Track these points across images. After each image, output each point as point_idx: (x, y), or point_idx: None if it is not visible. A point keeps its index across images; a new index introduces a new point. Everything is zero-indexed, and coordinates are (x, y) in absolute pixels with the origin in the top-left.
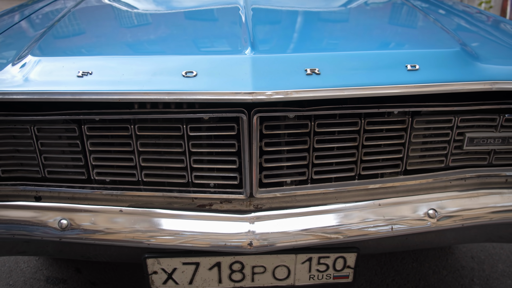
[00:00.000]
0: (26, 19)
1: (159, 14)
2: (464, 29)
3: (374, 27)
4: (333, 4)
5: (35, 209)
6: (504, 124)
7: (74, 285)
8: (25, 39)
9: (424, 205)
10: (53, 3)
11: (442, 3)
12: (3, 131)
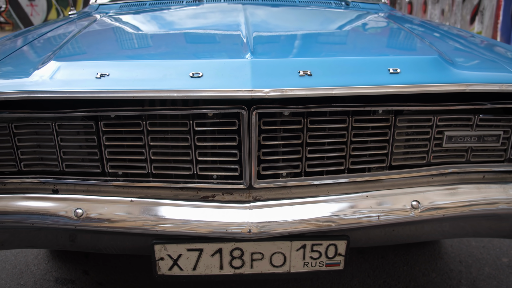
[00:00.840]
0: (46, 34)
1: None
2: (443, 43)
3: (362, 40)
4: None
5: (53, 200)
6: (479, 123)
7: (82, 286)
8: (47, 49)
9: (408, 197)
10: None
11: (426, 23)
12: (27, 128)
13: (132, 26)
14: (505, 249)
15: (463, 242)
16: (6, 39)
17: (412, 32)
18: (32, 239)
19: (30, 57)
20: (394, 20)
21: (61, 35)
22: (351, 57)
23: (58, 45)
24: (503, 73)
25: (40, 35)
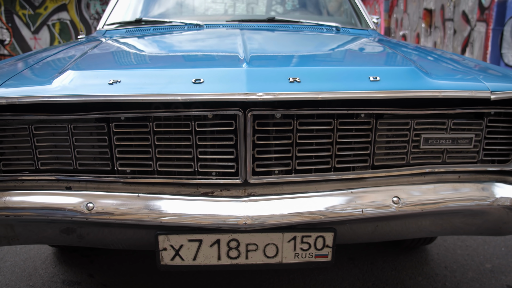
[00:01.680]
0: (61, 52)
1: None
2: (422, 58)
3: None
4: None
5: (67, 196)
6: (452, 127)
7: (87, 287)
8: (63, 62)
9: (390, 194)
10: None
11: (410, 44)
12: (45, 129)
13: (139, 44)
14: (488, 256)
15: (448, 250)
16: (26, 55)
17: (395, 50)
18: (44, 234)
19: (48, 68)
20: (379, 41)
21: (74, 53)
22: (335, 67)
23: (73, 59)
24: (475, 83)
25: (56, 52)
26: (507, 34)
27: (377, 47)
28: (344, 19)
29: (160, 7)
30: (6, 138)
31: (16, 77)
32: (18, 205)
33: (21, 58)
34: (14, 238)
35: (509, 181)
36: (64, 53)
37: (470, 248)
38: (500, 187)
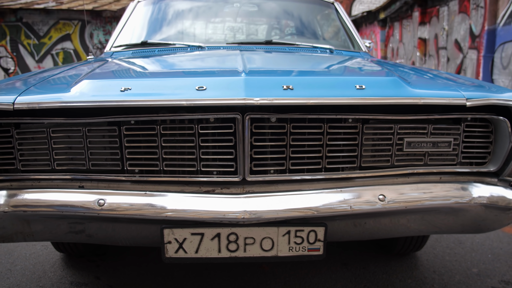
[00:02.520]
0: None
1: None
2: (407, 73)
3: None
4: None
5: (80, 194)
6: (433, 131)
7: (94, 287)
8: (78, 75)
9: (376, 192)
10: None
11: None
12: (61, 132)
13: (146, 61)
14: (475, 262)
15: (437, 257)
16: (40, 71)
17: (381, 66)
18: (58, 230)
19: (64, 80)
20: (369, 61)
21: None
22: (325, 76)
23: (86, 72)
24: (452, 91)
25: (69, 68)
26: (497, 60)
27: (366, 64)
28: (337, 43)
29: (164, 32)
30: (25, 141)
31: (35, 87)
32: (35, 202)
33: (36, 73)
34: (30, 234)
35: (486, 182)
36: (76, 70)
37: (458, 255)
38: (478, 186)
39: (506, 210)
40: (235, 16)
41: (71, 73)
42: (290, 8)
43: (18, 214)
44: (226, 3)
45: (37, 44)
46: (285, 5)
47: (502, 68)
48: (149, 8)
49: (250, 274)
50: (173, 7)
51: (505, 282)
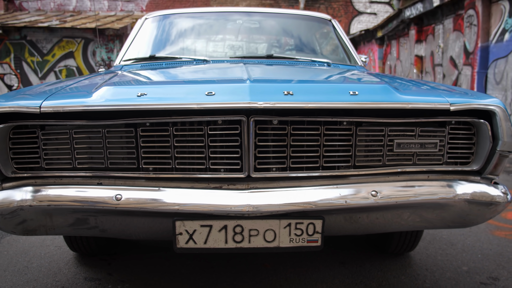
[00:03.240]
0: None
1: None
2: (396, 81)
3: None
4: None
5: (99, 190)
6: (420, 134)
7: (107, 282)
8: (96, 83)
9: (369, 188)
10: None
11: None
12: (82, 133)
13: (156, 72)
14: (465, 261)
15: (430, 257)
16: (58, 81)
17: (375, 76)
18: (77, 223)
19: (83, 87)
20: (364, 72)
21: (102, 78)
22: (322, 84)
23: (104, 80)
24: (438, 97)
25: (84, 79)
26: (491, 76)
27: (360, 75)
28: (334, 57)
29: (170, 47)
30: (49, 141)
31: (57, 94)
32: (57, 198)
33: (56, 83)
34: (51, 227)
35: (470, 179)
36: (92, 80)
37: (449, 255)
38: (462, 184)
39: (488, 205)
40: (237, 33)
41: (88, 82)
42: (290, 25)
43: (42, 208)
44: (229, 20)
45: (40, 61)
46: (284, 22)
47: (496, 84)
48: (156, 24)
49: (254, 271)
50: (178, 24)
51: (493, 278)
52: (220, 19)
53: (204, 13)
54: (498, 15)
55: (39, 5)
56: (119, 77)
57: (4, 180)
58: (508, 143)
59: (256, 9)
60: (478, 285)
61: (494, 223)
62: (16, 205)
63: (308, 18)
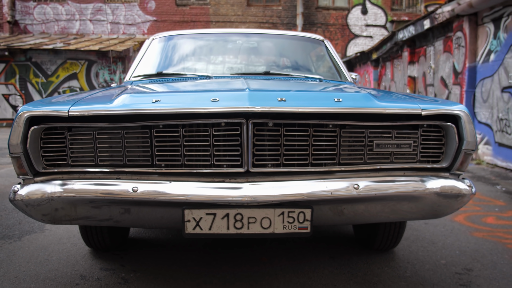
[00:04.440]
0: (108, 90)
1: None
2: (378, 92)
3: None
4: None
5: (117, 182)
6: (396, 135)
7: (120, 272)
8: (114, 93)
9: (352, 182)
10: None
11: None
12: (104, 134)
13: (165, 85)
14: (444, 256)
15: (412, 253)
16: (79, 92)
17: (359, 88)
18: (98, 213)
19: (104, 96)
20: (352, 86)
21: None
22: (311, 92)
23: (121, 91)
24: (412, 104)
25: (101, 91)
26: (478, 95)
27: (347, 87)
28: (326, 74)
29: (176, 64)
30: (75, 141)
31: (82, 101)
32: (81, 190)
33: (76, 94)
34: (75, 217)
35: (440, 175)
36: (109, 91)
37: (430, 251)
38: (433, 179)
39: (456, 197)
40: (237, 52)
41: (107, 93)
42: (285, 45)
43: (68, 199)
44: (229, 41)
45: (45, 82)
46: (281, 43)
47: (483, 102)
48: (162, 44)
49: (252, 263)
50: (183, 44)
51: (467, 270)
52: (221, 40)
53: (207, 34)
54: (484, 37)
55: (44, 28)
56: (133, 88)
57: (36, 174)
58: (471, 143)
59: (254, 30)
60: (453, 275)
61: (474, 226)
62: (46, 196)
63: (302, 39)
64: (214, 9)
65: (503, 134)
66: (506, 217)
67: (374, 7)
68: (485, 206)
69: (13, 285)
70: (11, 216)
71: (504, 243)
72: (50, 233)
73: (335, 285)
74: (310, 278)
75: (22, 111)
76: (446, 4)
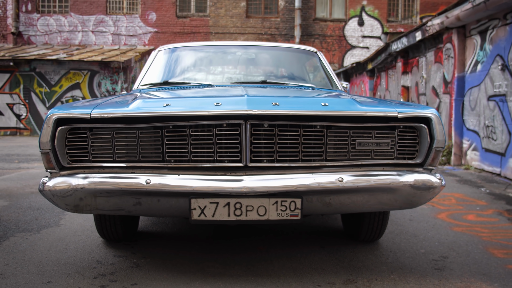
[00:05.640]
0: (119, 97)
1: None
2: (361, 98)
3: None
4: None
5: (133, 175)
6: (376, 135)
7: (132, 258)
8: (128, 99)
9: (337, 176)
10: (129, 94)
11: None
12: (121, 134)
13: (171, 92)
14: (424, 246)
15: (395, 244)
16: (97, 98)
17: (346, 94)
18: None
19: (120, 101)
20: (341, 93)
21: (131, 96)
22: (301, 98)
23: (134, 97)
24: (389, 108)
25: (116, 97)
26: (467, 103)
27: (335, 94)
28: (319, 83)
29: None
30: (96, 140)
31: (101, 105)
32: (101, 182)
33: (95, 99)
34: (95, 206)
35: (414, 170)
36: (122, 97)
37: (412, 243)
38: (408, 173)
39: (428, 189)
40: (237, 63)
41: (121, 99)
42: (282, 56)
43: (89, 190)
44: (230, 53)
45: (48, 92)
46: (277, 54)
47: (471, 110)
48: (167, 56)
49: (250, 252)
50: (187, 55)
51: (443, 257)
52: (222, 52)
53: (209, 46)
54: (471, 48)
55: (47, 39)
56: (144, 95)
57: (61, 168)
58: (441, 141)
59: (253, 43)
60: (430, 261)
61: (455, 222)
62: (71, 187)
63: (297, 51)
64: (213, 20)
65: (489, 140)
66: (485, 214)
67: (370, 18)
68: (468, 205)
69: (38, 268)
70: (28, 213)
71: (480, 236)
72: (65, 227)
73: (324, 269)
74: (302, 263)
75: (51, 114)
76: (436, 17)
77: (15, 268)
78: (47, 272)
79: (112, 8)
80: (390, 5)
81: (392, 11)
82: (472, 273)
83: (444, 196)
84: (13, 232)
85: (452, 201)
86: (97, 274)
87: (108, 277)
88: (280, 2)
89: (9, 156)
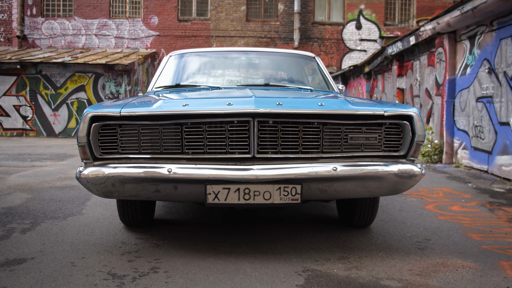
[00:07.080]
0: (140, 98)
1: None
2: (354, 98)
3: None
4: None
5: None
6: (365, 131)
7: (151, 239)
8: (150, 100)
9: (332, 166)
10: (147, 96)
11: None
12: (146, 130)
13: (184, 93)
14: (410, 231)
15: (384, 229)
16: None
17: (340, 96)
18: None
19: (143, 102)
20: (336, 95)
21: (151, 97)
22: (301, 99)
23: (156, 98)
24: (377, 107)
25: (138, 98)
26: (457, 104)
27: (331, 95)
28: (317, 85)
29: (190, 77)
30: (124, 134)
31: (128, 105)
32: (129, 171)
33: (119, 100)
34: (122, 192)
35: (399, 161)
36: (142, 98)
37: (400, 228)
38: (393, 164)
39: (411, 177)
40: (241, 67)
41: (142, 100)
42: (282, 61)
43: (119, 178)
44: (235, 58)
45: (54, 94)
46: (278, 59)
47: (461, 111)
48: (178, 61)
49: (255, 235)
50: (196, 60)
51: (426, 239)
52: (228, 57)
53: (215, 52)
54: (461, 52)
55: (51, 42)
56: (162, 97)
57: (95, 159)
58: (421, 136)
59: (256, 49)
60: (414, 243)
61: (440, 212)
62: (104, 175)
63: (297, 56)
64: (214, 24)
65: (477, 139)
66: (469, 205)
67: (368, 22)
68: (454, 198)
69: (71, 247)
70: (51, 204)
71: (461, 223)
72: (88, 215)
73: (321, 248)
74: (301, 243)
75: (86, 112)
76: (428, 23)
77: (51, 247)
78: (80, 250)
79: (115, 12)
80: (387, 9)
81: (389, 15)
82: (450, 252)
83: (432, 190)
84: (42, 219)
85: (440, 194)
86: (123, 252)
87: (134, 254)
88: (279, 6)
89: (21, 155)
